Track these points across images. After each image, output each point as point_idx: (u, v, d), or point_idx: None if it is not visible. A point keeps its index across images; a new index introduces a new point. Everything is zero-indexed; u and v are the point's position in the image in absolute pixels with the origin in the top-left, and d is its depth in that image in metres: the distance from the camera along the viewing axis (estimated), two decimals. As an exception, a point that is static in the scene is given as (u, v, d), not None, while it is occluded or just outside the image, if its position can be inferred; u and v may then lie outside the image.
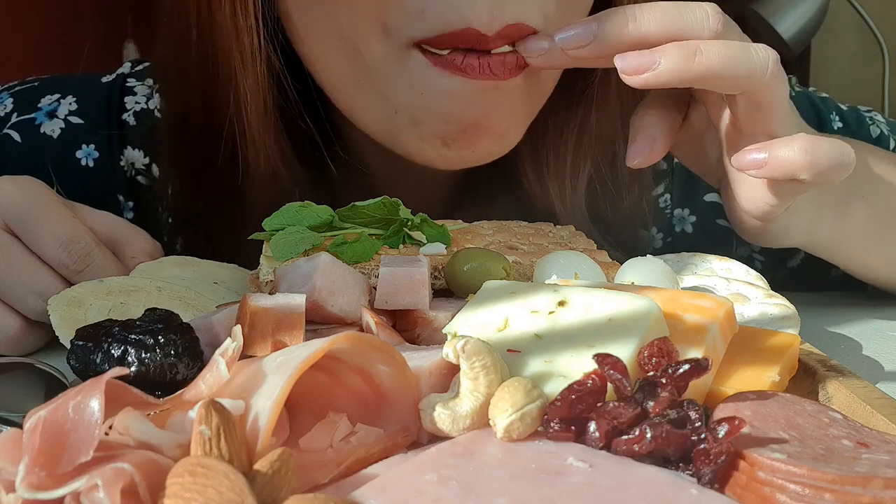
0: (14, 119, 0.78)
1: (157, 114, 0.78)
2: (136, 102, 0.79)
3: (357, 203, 0.58)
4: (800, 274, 0.82)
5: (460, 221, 0.65)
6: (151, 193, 0.78)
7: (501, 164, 0.72)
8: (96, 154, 0.78)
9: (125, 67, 0.82)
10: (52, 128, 0.77)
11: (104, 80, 0.81)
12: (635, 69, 0.52)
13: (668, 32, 0.53)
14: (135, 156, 0.78)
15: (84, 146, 0.78)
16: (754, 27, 1.80)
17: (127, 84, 0.80)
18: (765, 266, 0.82)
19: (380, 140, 0.66)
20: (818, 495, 0.31)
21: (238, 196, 0.69)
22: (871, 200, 0.66)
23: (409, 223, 0.58)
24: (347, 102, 0.65)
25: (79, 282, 0.55)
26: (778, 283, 0.82)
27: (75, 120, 0.78)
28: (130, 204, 0.79)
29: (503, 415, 0.35)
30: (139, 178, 0.79)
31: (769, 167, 0.53)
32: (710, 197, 0.81)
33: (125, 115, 0.78)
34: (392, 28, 0.59)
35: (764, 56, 0.53)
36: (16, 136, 0.77)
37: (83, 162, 0.78)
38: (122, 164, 0.78)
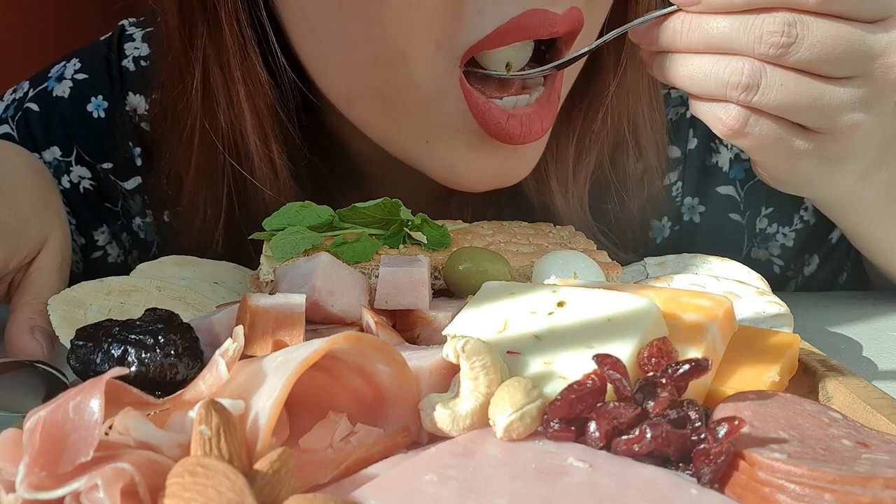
0: (31, 94, 0.81)
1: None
2: (136, 48, 0.81)
3: (357, 204, 0.58)
4: (812, 279, 0.82)
5: (460, 222, 0.65)
6: (153, 141, 0.79)
7: None
8: (105, 104, 0.80)
9: (125, 22, 0.85)
10: (63, 89, 0.80)
11: (103, 38, 0.84)
12: None
13: None
14: (136, 101, 0.80)
15: (93, 98, 0.80)
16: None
17: (126, 32, 0.83)
18: (783, 270, 0.82)
19: (390, 150, 0.66)
20: (818, 495, 0.31)
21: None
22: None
23: (410, 223, 0.58)
24: (370, 121, 0.65)
25: None
26: (791, 284, 0.82)
27: (81, 76, 0.81)
28: (138, 150, 0.80)
29: (503, 415, 0.35)
30: (143, 124, 0.80)
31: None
32: (725, 189, 0.80)
33: (125, 62, 0.81)
34: (444, 43, 0.58)
35: None
36: (34, 107, 0.80)
37: (95, 114, 0.80)
38: (126, 109, 0.80)
